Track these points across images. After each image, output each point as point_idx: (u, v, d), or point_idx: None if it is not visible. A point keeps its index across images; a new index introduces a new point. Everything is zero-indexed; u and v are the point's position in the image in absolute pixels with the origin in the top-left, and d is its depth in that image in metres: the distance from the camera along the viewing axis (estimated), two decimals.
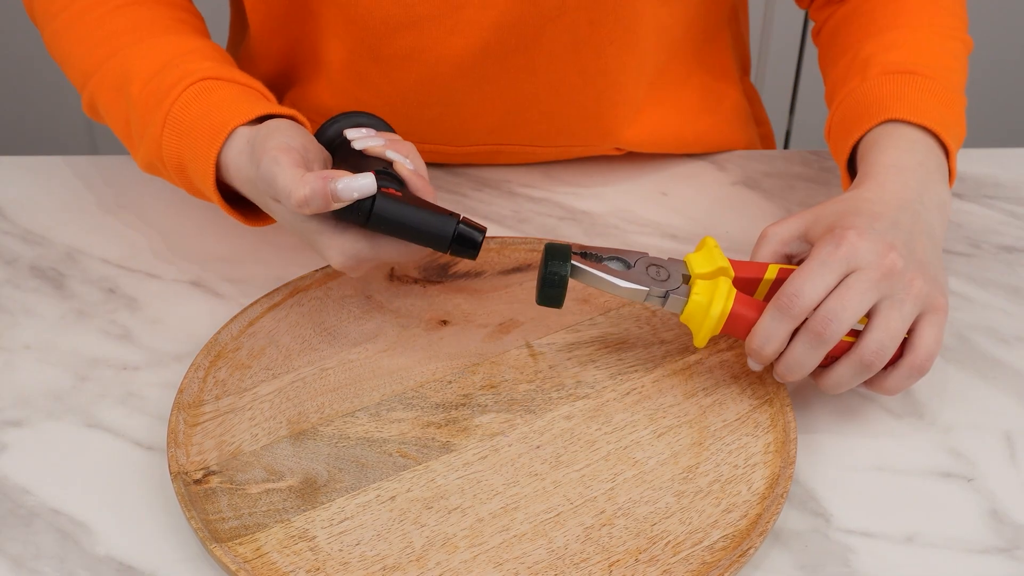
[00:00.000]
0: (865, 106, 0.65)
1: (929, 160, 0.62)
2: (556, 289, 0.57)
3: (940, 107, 0.64)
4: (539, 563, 0.52)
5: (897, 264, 0.56)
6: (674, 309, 0.58)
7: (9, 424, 0.60)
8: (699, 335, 0.58)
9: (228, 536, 0.53)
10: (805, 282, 0.55)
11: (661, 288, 0.58)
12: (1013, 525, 0.55)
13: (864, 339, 0.56)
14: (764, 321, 0.56)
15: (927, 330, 0.57)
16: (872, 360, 0.56)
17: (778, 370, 0.57)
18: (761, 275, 0.59)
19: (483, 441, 0.58)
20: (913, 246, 0.58)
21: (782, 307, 0.55)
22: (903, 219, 0.58)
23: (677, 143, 0.80)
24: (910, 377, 0.57)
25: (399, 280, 0.68)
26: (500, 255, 0.70)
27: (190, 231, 0.74)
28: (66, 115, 1.64)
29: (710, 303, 0.57)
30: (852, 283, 0.55)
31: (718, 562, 0.52)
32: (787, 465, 0.56)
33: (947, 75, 0.66)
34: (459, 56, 0.70)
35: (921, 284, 0.57)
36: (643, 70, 0.74)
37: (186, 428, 0.58)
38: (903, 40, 0.68)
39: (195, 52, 0.65)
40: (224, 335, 0.63)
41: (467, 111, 0.74)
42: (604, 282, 0.58)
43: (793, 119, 1.67)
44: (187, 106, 0.62)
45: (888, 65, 0.65)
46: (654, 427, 0.59)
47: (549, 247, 0.57)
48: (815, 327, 0.55)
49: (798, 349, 0.56)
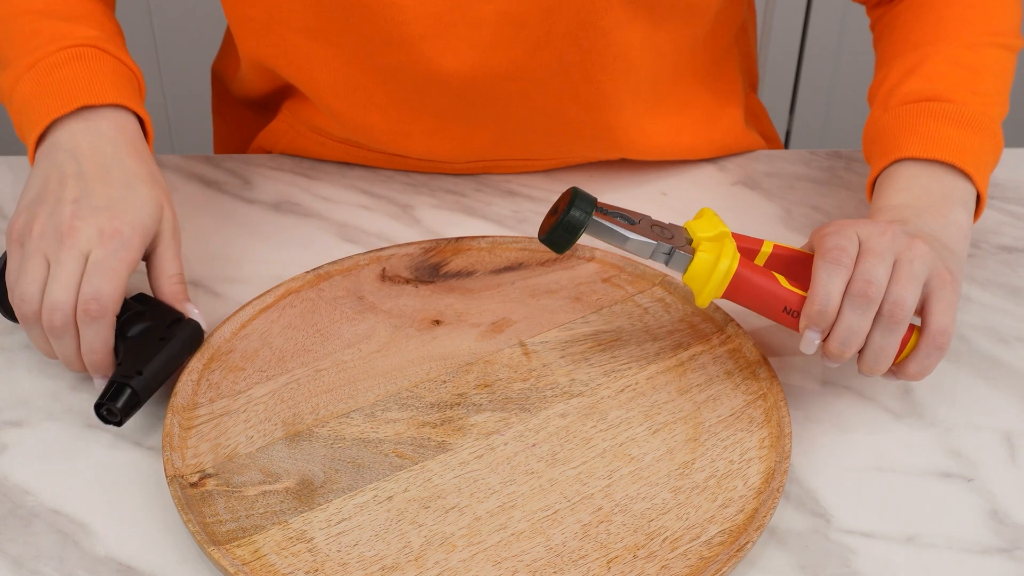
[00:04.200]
0: (883, 141, 0.66)
1: (940, 193, 0.63)
2: (570, 235, 0.57)
3: (959, 131, 0.64)
4: (537, 561, 0.52)
5: (895, 228, 0.58)
6: (678, 267, 0.58)
7: (9, 424, 0.60)
8: (702, 294, 0.58)
9: (226, 539, 0.53)
10: (875, 268, 0.56)
11: (667, 245, 0.58)
12: (1013, 525, 0.55)
13: (885, 298, 0.56)
14: (843, 315, 0.56)
15: (936, 306, 0.57)
16: (894, 311, 0.56)
17: (863, 366, 0.58)
18: (758, 248, 0.60)
19: (479, 440, 0.58)
20: (916, 234, 0.59)
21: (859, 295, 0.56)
22: (908, 229, 0.60)
23: (681, 153, 0.79)
24: (929, 356, 0.57)
25: (391, 280, 0.68)
26: (491, 254, 0.70)
27: (190, 231, 0.74)
28: None
29: (717, 260, 0.57)
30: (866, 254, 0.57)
31: (716, 557, 0.52)
32: (783, 460, 0.56)
33: (969, 96, 0.66)
34: (451, 75, 0.69)
35: (923, 245, 0.57)
36: (639, 94, 0.73)
37: (181, 431, 0.58)
38: (932, 57, 0.68)
39: (91, 16, 0.67)
40: (217, 337, 0.63)
41: (463, 126, 0.74)
42: (615, 234, 0.57)
43: (793, 119, 1.67)
44: (59, 65, 0.63)
45: (909, 94, 0.66)
46: (649, 423, 0.59)
47: (576, 191, 0.57)
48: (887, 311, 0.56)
49: (876, 335, 0.56)
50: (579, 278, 0.69)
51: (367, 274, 0.69)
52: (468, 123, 0.73)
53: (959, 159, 0.63)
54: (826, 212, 0.76)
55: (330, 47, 0.71)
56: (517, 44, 0.68)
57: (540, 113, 0.72)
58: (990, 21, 0.69)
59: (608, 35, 0.68)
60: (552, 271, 0.69)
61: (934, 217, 0.61)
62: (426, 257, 0.70)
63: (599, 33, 0.68)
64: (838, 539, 0.54)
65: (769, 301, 0.58)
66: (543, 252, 0.70)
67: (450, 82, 0.70)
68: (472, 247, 0.70)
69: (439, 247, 0.70)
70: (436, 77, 0.69)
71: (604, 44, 0.69)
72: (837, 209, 0.77)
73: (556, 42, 0.68)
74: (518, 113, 0.72)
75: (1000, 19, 0.70)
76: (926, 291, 0.57)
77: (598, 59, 0.69)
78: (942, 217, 0.62)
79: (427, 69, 0.69)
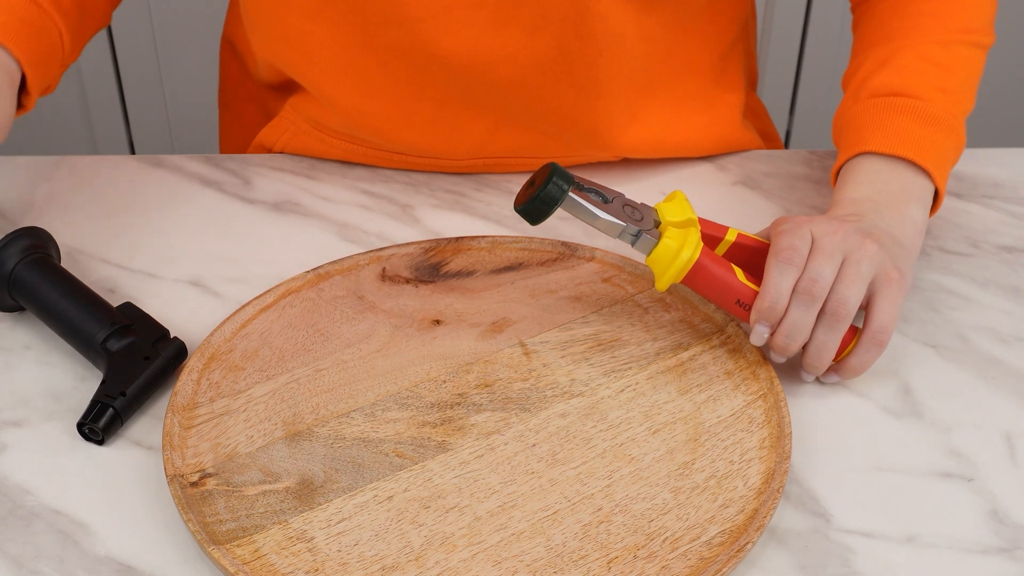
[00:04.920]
0: (850, 132, 0.69)
1: (899, 188, 0.65)
2: (547, 207, 0.59)
3: (923, 128, 0.67)
4: (538, 561, 0.52)
5: (847, 227, 0.60)
6: (643, 250, 0.60)
7: (9, 424, 0.60)
8: (662, 279, 0.60)
9: (226, 538, 0.53)
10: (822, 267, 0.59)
11: (635, 227, 0.60)
12: (1013, 525, 0.55)
13: (830, 296, 0.59)
14: (790, 312, 0.59)
15: (879, 304, 0.60)
16: (836, 309, 0.58)
17: (805, 360, 0.61)
18: (722, 235, 0.63)
19: (479, 440, 0.58)
20: (870, 231, 0.61)
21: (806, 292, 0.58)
22: (862, 227, 0.62)
23: (675, 150, 0.79)
24: (868, 352, 0.60)
25: (391, 280, 0.68)
26: (491, 254, 0.70)
27: (190, 231, 0.74)
28: (66, 115, 1.65)
29: (680, 248, 0.59)
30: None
31: (716, 557, 0.52)
32: (783, 460, 0.56)
33: (936, 93, 0.68)
34: (450, 57, 0.70)
35: (873, 245, 0.60)
36: (634, 81, 0.74)
37: (181, 431, 0.58)
38: (905, 51, 0.69)
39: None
40: (217, 337, 0.63)
41: (462, 113, 0.74)
42: (586, 211, 0.59)
43: (793, 119, 1.67)
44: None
45: (879, 87, 0.69)
46: (649, 424, 0.59)
47: (555, 165, 0.59)
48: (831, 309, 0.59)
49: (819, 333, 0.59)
50: (579, 278, 0.69)
51: (367, 274, 0.69)
52: (467, 109, 0.74)
53: (920, 156, 0.66)
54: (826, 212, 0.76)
55: (331, 28, 0.71)
56: (515, 27, 0.69)
57: (538, 101, 0.73)
58: (964, 18, 0.71)
59: (604, 20, 0.69)
60: (552, 271, 0.69)
61: (891, 213, 0.64)
62: (426, 257, 0.70)
63: (596, 18, 0.69)
64: (838, 539, 0.54)
65: (724, 292, 0.60)
66: (543, 252, 0.70)
67: (449, 64, 0.70)
68: (472, 247, 0.70)
69: (439, 247, 0.70)
70: (435, 59, 0.70)
71: (601, 30, 0.70)
72: None
73: (553, 27, 0.69)
74: (516, 100, 0.73)
75: (973, 16, 0.72)
76: (872, 289, 0.60)
77: (595, 44, 0.70)
78: (899, 213, 0.64)
79: (426, 51, 0.70)
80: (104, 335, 0.61)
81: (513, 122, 0.74)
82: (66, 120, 1.66)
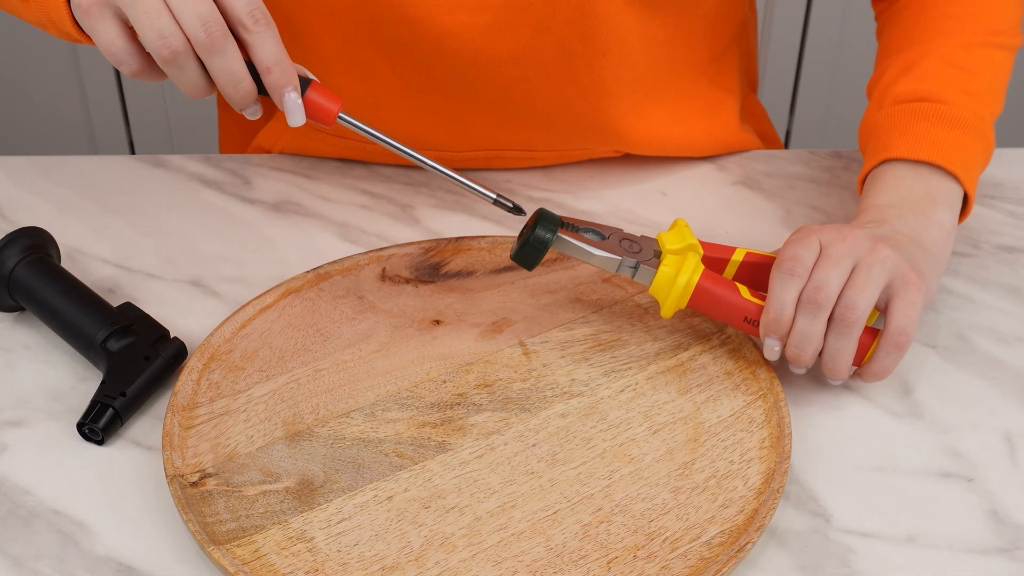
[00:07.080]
0: (875, 139, 0.68)
1: (924, 192, 0.65)
2: (536, 252, 0.60)
3: (948, 132, 0.66)
4: (538, 561, 0.52)
5: (857, 233, 0.60)
6: (644, 280, 0.61)
7: (9, 424, 0.60)
8: (665, 305, 0.60)
9: (226, 538, 0.53)
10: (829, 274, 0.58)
11: (633, 259, 0.60)
12: (1013, 525, 0.55)
13: (838, 302, 0.58)
14: (798, 321, 0.58)
15: (897, 306, 0.59)
16: (845, 315, 0.58)
17: (823, 368, 0.60)
18: (729, 256, 0.62)
19: (479, 440, 0.58)
20: (885, 236, 0.61)
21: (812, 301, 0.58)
22: (877, 232, 0.62)
23: (677, 147, 0.80)
24: (889, 356, 0.59)
25: (391, 280, 0.68)
26: (491, 254, 0.70)
27: (190, 231, 0.74)
28: (66, 115, 1.65)
29: (676, 274, 0.59)
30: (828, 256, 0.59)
31: (716, 557, 0.52)
32: (783, 460, 0.56)
33: (961, 96, 0.67)
34: (455, 55, 0.70)
35: (885, 249, 0.59)
36: (637, 83, 0.74)
37: (181, 431, 0.58)
38: (929, 56, 0.69)
39: None
40: (216, 337, 0.63)
41: (466, 106, 0.74)
42: (580, 251, 0.60)
43: (793, 119, 1.67)
44: None
45: (903, 93, 0.68)
46: (649, 424, 0.59)
47: (542, 212, 0.61)
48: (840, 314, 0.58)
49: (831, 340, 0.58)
50: (579, 278, 0.69)
51: (367, 274, 0.69)
52: (471, 104, 0.74)
53: (946, 160, 0.65)
54: (826, 212, 0.76)
55: (335, 22, 0.71)
56: (520, 27, 0.69)
57: (542, 99, 0.73)
58: (988, 20, 0.70)
59: (608, 23, 0.69)
60: (552, 271, 0.69)
61: (915, 217, 0.63)
62: (426, 257, 0.70)
63: (599, 21, 0.69)
64: (838, 539, 0.54)
65: (730, 311, 0.60)
66: None
67: (454, 61, 0.70)
68: (472, 247, 0.70)
69: (439, 247, 0.70)
70: (441, 55, 0.70)
71: (604, 32, 0.70)
72: (837, 209, 0.77)
73: (558, 28, 0.69)
74: (520, 98, 0.73)
75: (999, 18, 0.71)
76: (889, 292, 0.59)
77: (598, 46, 0.70)
78: (924, 216, 0.63)
79: (432, 46, 0.70)
80: (104, 335, 0.61)
81: (515, 119, 0.75)
82: (66, 120, 1.66)
